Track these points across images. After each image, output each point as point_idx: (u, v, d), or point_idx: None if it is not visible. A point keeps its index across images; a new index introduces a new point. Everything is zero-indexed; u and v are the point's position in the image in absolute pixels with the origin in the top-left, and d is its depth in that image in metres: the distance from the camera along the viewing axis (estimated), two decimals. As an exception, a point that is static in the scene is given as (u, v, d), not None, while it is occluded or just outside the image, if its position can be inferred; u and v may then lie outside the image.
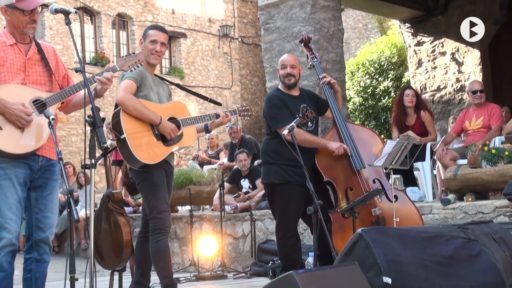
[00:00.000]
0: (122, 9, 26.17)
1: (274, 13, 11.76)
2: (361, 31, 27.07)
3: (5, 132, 4.90)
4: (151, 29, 6.41)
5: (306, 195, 6.18)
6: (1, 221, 4.93)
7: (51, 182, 5.24)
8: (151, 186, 6.09)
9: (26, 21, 5.07)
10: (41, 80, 5.22)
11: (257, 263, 9.71)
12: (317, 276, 3.63)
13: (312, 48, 7.36)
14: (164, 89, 6.45)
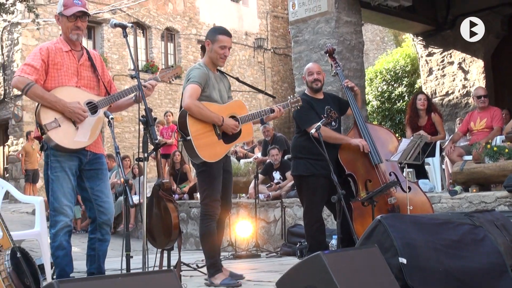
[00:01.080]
0: (170, 24, 26.35)
1: (303, 27, 11.78)
2: (379, 43, 27.04)
3: (62, 129, 4.99)
4: (220, 34, 6.16)
5: (330, 185, 6.13)
6: (58, 207, 5.06)
7: (101, 172, 5.33)
8: (209, 177, 6.06)
9: (71, 27, 5.14)
10: (91, 84, 5.29)
11: (286, 244, 9.71)
12: (341, 257, 3.61)
13: (336, 58, 7.36)
14: (225, 84, 6.38)
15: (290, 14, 12.08)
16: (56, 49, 5.15)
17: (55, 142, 4.97)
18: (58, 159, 5.05)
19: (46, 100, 4.98)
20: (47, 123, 4.95)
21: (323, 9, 11.43)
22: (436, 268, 4.33)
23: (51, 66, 5.08)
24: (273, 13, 30.55)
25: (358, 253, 3.79)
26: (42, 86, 5.02)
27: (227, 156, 6.35)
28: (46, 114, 4.98)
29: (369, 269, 3.71)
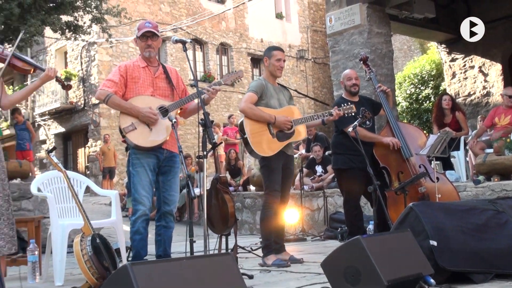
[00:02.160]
0: (223, 39, 26.47)
1: (339, 39, 11.74)
2: (406, 51, 26.82)
3: (138, 131, 5.13)
4: (274, 50, 6.41)
5: (366, 177, 6.08)
6: (138, 197, 5.15)
7: (173, 169, 5.37)
8: (269, 171, 6.14)
9: (144, 46, 5.33)
10: (165, 93, 5.39)
11: (329, 229, 9.70)
12: (378, 240, 3.56)
13: (369, 65, 7.29)
14: (285, 95, 6.46)
15: (327, 27, 12.05)
16: (134, 66, 5.35)
17: (133, 142, 5.13)
18: (138, 157, 5.18)
19: (123, 108, 5.17)
20: (125, 126, 5.14)
21: (356, 23, 11.40)
22: (463, 249, 4.24)
23: (129, 80, 5.27)
24: (313, 28, 30.48)
25: (393, 236, 3.74)
26: (122, 97, 5.22)
27: (289, 156, 6.35)
28: (124, 120, 5.17)
29: (403, 251, 3.65)
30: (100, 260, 4.56)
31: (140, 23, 5.43)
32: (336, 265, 3.50)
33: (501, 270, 4.32)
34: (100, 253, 4.60)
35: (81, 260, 4.53)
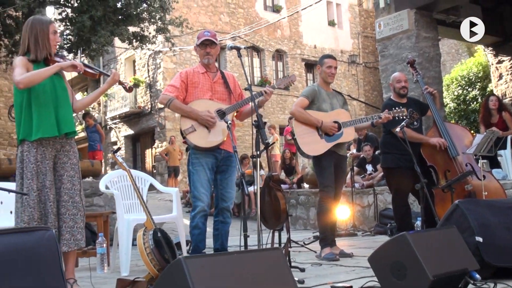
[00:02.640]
0: (279, 46, 26.46)
1: (388, 44, 11.61)
2: (454, 55, 26.28)
3: (197, 133, 5.18)
4: (326, 58, 6.48)
5: (414, 175, 5.95)
6: (197, 194, 5.17)
7: (230, 168, 5.37)
8: (320, 169, 6.21)
9: (203, 53, 5.39)
10: (223, 97, 5.41)
11: (379, 225, 9.63)
12: (423, 236, 3.47)
13: (416, 68, 7.14)
14: (338, 99, 6.48)
15: (377, 33, 11.94)
16: (194, 72, 5.41)
17: (193, 143, 5.17)
18: (197, 156, 5.22)
19: (183, 111, 5.23)
20: (186, 128, 5.19)
21: (405, 28, 11.27)
22: (509, 245, 4.09)
23: (189, 85, 5.32)
24: (364, 34, 30.22)
25: (438, 233, 3.63)
26: (183, 101, 5.28)
27: (341, 155, 6.34)
28: (185, 122, 5.22)
29: (449, 247, 3.53)
30: (161, 253, 4.57)
31: (200, 32, 5.50)
32: (382, 260, 3.42)
33: (546, 266, 4.16)
34: (161, 246, 4.62)
35: (143, 252, 4.55)
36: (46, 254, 2.00)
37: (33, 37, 4.35)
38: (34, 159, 4.24)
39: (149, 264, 4.54)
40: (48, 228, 2.04)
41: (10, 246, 1.98)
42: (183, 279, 2.38)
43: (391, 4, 11.63)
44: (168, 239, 4.80)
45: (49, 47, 4.39)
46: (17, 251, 1.98)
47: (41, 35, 4.35)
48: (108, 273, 5.78)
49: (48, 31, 4.38)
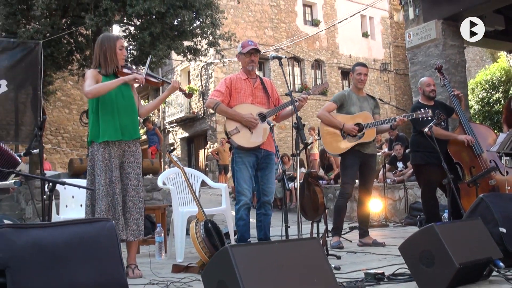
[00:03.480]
0: (317, 56, 26.33)
1: (417, 52, 11.44)
2: (479, 61, 25.76)
3: (241, 134, 5.17)
4: (357, 66, 6.42)
5: (441, 171, 5.80)
6: (241, 189, 5.16)
7: (270, 165, 5.34)
8: (343, 166, 6.22)
9: (248, 61, 5.35)
10: (262, 101, 5.38)
11: (409, 217, 9.48)
12: (450, 227, 3.37)
13: (444, 73, 7.00)
14: (369, 103, 6.40)
15: (407, 42, 11.76)
16: (237, 78, 5.39)
17: (237, 143, 5.16)
18: (240, 156, 5.20)
19: (229, 114, 5.23)
20: (230, 130, 5.19)
21: (432, 37, 11.09)
22: (531, 236, 3.94)
23: (233, 90, 5.31)
24: (394, 44, 29.82)
25: (464, 224, 3.52)
26: (227, 105, 5.26)
27: (367, 154, 6.22)
28: (230, 124, 5.22)
29: (474, 237, 3.43)
30: (212, 241, 4.58)
31: (243, 42, 5.45)
32: (412, 249, 3.33)
33: None
34: (211, 235, 4.62)
35: (195, 241, 4.57)
36: (107, 243, 2.00)
37: (103, 54, 4.43)
38: (102, 157, 4.30)
39: (201, 252, 4.55)
40: (108, 219, 2.05)
41: (75, 235, 1.99)
42: (229, 265, 2.37)
43: (420, 15, 11.46)
44: (218, 229, 4.81)
45: (117, 61, 4.45)
46: (81, 240, 1.98)
47: (109, 51, 4.42)
48: (165, 259, 5.81)
49: (115, 47, 4.45)
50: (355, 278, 3.73)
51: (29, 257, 1.85)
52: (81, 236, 1.96)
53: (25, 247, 1.86)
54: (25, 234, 1.89)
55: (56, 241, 1.92)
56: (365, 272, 3.71)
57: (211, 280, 2.50)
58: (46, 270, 1.84)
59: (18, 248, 1.84)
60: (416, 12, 11.59)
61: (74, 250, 1.93)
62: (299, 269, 2.49)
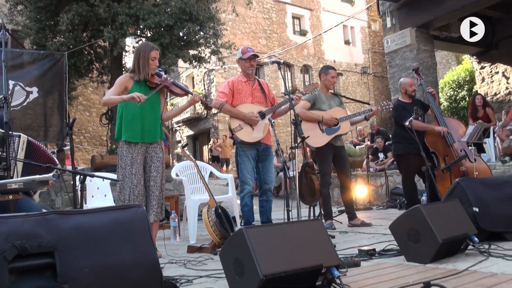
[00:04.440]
0: (305, 62, 26.39)
1: (394, 56, 11.47)
2: (445, 64, 25.78)
3: (244, 130, 5.16)
4: (330, 69, 6.27)
5: (419, 160, 5.83)
6: (244, 179, 5.18)
7: (269, 157, 5.36)
8: (320, 159, 6.05)
9: (248, 66, 5.33)
10: (260, 100, 5.37)
11: (390, 200, 9.47)
12: (433, 208, 3.37)
13: (420, 74, 7.02)
14: (335, 101, 6.29)
15: (385, 48, 11.80)
16: (238, 81, 5.36)
17: (240, 138, 5.14)
18: (243, 149, 5.20)
19: (232, 113, 5.19)
20: (235, 127, 5.17)
21: (407, 43, 11.13)
22: (499, 214, 3.96)
23: (235, 91, 5.29)
24: (373, 50, 29.81)
25: (445, 205, 3.53)
26: (230, 104, 5.23)
27: (338, 146, 6.12)
28: (233, 122, 5.19)
29: (453, 216, 3.44)
30: (222, 224, 4.57)
31: (243, 48, 5.41)
32: (400, 227, 3.34)
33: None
34: (221, 219, 4.62)
35: (208, 225, 4.56)
36: (140, 226, 2.00)
37: (137, 61, 4.32)
38: (127, 152, 4.28)
39: (213, 234, 4.54)
40: (140, 205, 2.04)
41: (112, 219, 1.98)
42: (244, 244, 2.37)
43: (396, 24, 11.48)
44: (227, 214, 4.81)
45: (148, 70, 4.31)
46: (118, 224, 1.98)
47: (142, 60, 4.29)
48: (179, 242, 5.81)
49: (148, 56, 4.29)
50: (350, 254, 3.74)
51: (73, 240, 1.85)
52: (117, 220, 1.96)
53: (69, 231, 1.86)
54: (69, 220, 1.89)
55: (96, 225, 1.92)
56: (359, 249, 3.72)
57: (228, 258, 2.50)
58: (88, 251, 1.84)
59: (63, 232, 1.84)
60: (393, 21, 11.61)
61: (112, 233, 1.92)
62: (305, 246, 2.49)
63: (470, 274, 2.78)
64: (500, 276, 2.67)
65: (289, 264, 2.36)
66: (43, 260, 1.76)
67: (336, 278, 2.45)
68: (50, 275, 1.76)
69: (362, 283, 2.71)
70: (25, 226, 1.80)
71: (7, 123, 3.32)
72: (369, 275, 2.92)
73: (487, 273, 2.77)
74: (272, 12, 25.70)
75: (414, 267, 3.10)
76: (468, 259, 3.23)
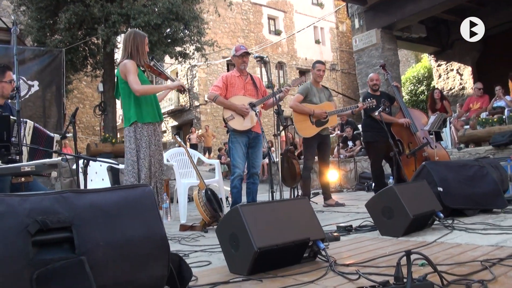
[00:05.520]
0: (280, 59, 26.36)
1: (362, 54, 11.54)
2: (405, 62, 25.95)
3: (236, 120, 5.11)
4: (317, 63, 6.32)
5: (386, 147, 5.93)
6: (235, 163, 5.12)
7: (258, 144, 5.28)
8: (306, 146, 6.04)
9: (241, 62, 5.28)
10: (252, 93, 5.32)
11: (358, 184, 9.60)
12: (404, 187, 3.42)
13: (386, 69, 7.09)
14: (325, 94, 6.32)
15: (354, 46, 11.87)
16: (232, 76, 5.31)
17: (232, 127, 5.10)
18: (235, 136, 5.15)
19: (225, 105, 5.15)
20: (227, 117, 5.12)
21: (373, 42, 11.21)
22: (460, 193, 4.07)
23: (228, 85, 5.24)
24: (340, 49, 29.92)
25: (414, 185, 3.58)
26: (224, 97, 5.18)
27: (324, 135, 6.18)
28: (226, 112, 5.15)
29: (421, 194, 3.50)
30: (211, 205, 4.56)
31: (236, 46, 5.34)
32: (376, 205, 3.39)
33: (484, 206, 4.19)
34: (211, 200, 4.60)
35: (199, 205, 4.54)
36: (148, 203, 1.99)
37: (135, 47, 4.07)
38: (147, 133, 4.09)
39: (203, 213, 4.53)
40: (147, 185, 2.03)
41: (122, 197, 1.97)
42: (239, 220, 2.38)
43: (364, 25, 11.55)
44: (215, 196, 4.78)
45: (145, 55, 4.15)
46: (128, 201, 1.97)
47: (141, 45, 4.08)
48: (171, 221, 5.78)
49: (144, 42, 4.13)
50: (329, 230, 3.78)
51: (88, 216, 1.83)
52: (127, 198, 1.94)
53: (84, 208, 1.84)
54: (84, 197, 1.87)
55: (108, 202, 1.90)
56: (337, 225, 3.75)
57: (224, 233, 2.51)
58: (102, 226, 1.83)
59: (79, 208, 1.83)
60: (361, 22, 11.67)
61: (123, 209, 1.91)
62: (294, 222, 2.51)
63: (438, 245, 2.84)
64: (465, 246, 2.73)
65: (280, 238, 2.37)
66: (62, 234, 1.75)
67: (321, 250, 2.48)
68: (68, 248, 1.75)
69: (344, 254, 2.75)
70: (44, 203, 1.78)
71: (19, 112, 3.25)
72: (349, 248, 2.96)
73: (453, 244, 2.83)
74: (249, 13, 25.59)
75: (388, 240, 3.15)
76: (435, 233, 3.30)
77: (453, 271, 2.13)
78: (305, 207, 2.63)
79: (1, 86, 3.87)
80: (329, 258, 2.42)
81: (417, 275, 1.87)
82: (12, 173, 2.98)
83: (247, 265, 2.29)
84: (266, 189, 4.78)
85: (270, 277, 2.26)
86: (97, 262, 1.73)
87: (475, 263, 2.27)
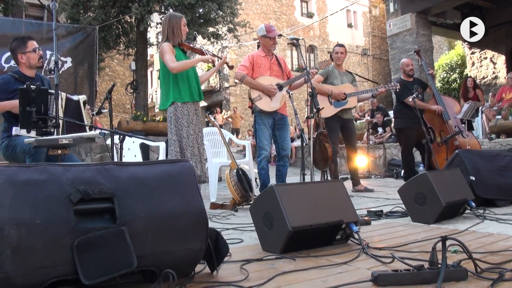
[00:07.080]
0: (311, 43, 26.12)
1: (396, 39, 11.35)
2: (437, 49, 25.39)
3: (263, 100, 5.09)
4: (336, 47, 6.29)
5: (417, 134, 5.85)
6: (261, 145, 5.10)
7: (285, 126, 5.25)
8: (329, 129, 5.90)
9: (271, 43, 5.24)
10: (278, 74, 5.28)
11: (387, 170, 9.53)
12: (438, 175, 3.37)
13: (421, 55, 6.93)
14: (348, 77, 6.24)
15: (387, 31, 11.67)
16: (258, 56, 5.26)
17: (259, 108, 5.07)
18: (261, 117, 5.12)
19: (253, 85, 5.12)
20: (254, 97, 5.09)
21: (408, 27, 10.99)
22: (492, 183, 3.98)
23: (255, 65, 5.20)
24: (372, 33, 29.39)
25: (447, 172, 3.53)
26: (250, 77, 5.14)
27: (345, 119, 6.10)
28: (254, 92, 5.12)
29: (454, 182, 3.45)
30: (242, 185, 4.59)
31: (266, 26, 5.27)
32: (408, 191, 3.36)
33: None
34: (242, 180, 4.63)
35: (230, 184, 4.58)
36: (188, 178, 2.01)
37: (171, 29, 4.26)
38: (187, 112, 4.22)
39: (234, 193, 4.57)
40: (187, 160, 2.05)
41: (163, 171, 1.99)
42: (274, 199, 2.39)
43: (398, 9, 11.33)
44: (246, 176, 4.81)
45: (181, 35, 4.30)
46: (168, 175, 1.99)
47: (176, 27, 4.26)
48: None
49: (180, 23, 4.29)
50: (359, 215, 3.77)
51: (129, 188, 1.86)
52: (167, 172, 1.96)
53: (126, 180, 1.87)
54: (125, 170, 1.90)
55: (149, 175, 1.92)
56: (368, 210, 3.74)
57: (258, 212, 2.52)
58: (143, 198, 1.86)
59: (121, 180, 1.85)
60: (395, 6, 11.45)
61: (163, 183, 1.93)
62: (328, 204, 2.51)
63: (470, 234, 2.80)
64: (497, 236, 2.69)
65: (314, 219, 2.38)
66: (103, 204, 1.78)
67: (354, 233, 2.48)
68: (109, 218, 1.78)
69: (375, 238, 2.75)
70: (86, 173, 1.81)
71: (57, 85, 3.31)
72: (380, 232, 2.95)
73: (485, 233, 2.80)
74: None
75: (419, 226, 3.12)
76: (466, 221, 3.26)
77: (486, 259, 2.10)
78: (340, 190, 2.62)
79: (26, 56, 3.82)
80: (361, 241, 2.42)
81: (451, 261, 1.86)
82: (50, 145, 3.01)
83: (281, 244, 2.31)
84: (293, 172, 4.80)
85: (303, 256, 2.28)
86: (137, 233, 1.77)
87: (507, 252, 2.24)
